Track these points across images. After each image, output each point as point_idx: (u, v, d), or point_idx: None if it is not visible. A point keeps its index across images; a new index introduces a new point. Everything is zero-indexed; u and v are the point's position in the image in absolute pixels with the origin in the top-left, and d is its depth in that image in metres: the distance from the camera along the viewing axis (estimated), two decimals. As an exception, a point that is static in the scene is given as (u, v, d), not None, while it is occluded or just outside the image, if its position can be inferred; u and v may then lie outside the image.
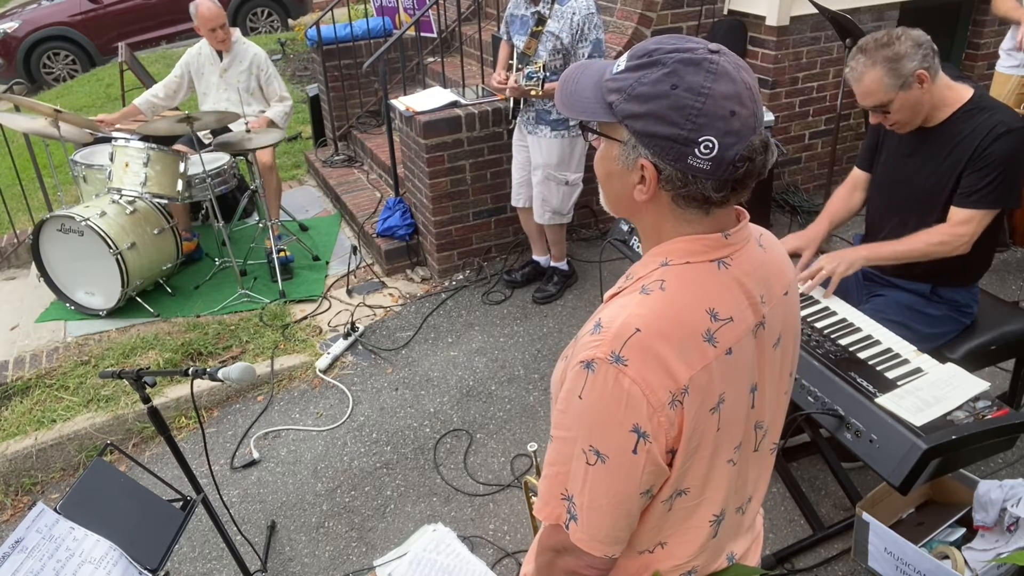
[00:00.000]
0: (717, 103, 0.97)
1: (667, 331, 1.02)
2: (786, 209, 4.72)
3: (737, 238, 1.09)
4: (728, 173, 1.00)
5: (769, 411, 1.20)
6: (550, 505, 1.09)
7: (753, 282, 1.10)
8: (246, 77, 4.62)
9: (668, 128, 0.98)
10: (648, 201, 1.06)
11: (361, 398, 3.50)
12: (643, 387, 0.99)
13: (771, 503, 2.75)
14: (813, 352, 2.16)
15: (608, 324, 1.03)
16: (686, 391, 1.01)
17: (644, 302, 1.04)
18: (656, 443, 1.01)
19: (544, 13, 3.43)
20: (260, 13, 10.44)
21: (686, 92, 0.97)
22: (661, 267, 1.07)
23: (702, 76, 0.97)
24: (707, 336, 1.03)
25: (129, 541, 1.85)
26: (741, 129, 0.98)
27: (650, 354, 1.00)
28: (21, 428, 3.28)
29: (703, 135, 0.97)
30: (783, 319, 1.17)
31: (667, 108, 0.98)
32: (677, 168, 1.00)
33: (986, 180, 2.27)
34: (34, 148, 4.75)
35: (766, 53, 4.43)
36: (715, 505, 1.14)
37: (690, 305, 1.04)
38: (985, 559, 2.23)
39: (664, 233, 1.09)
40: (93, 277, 3.97)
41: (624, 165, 1.05)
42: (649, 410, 1.00)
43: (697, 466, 1.08)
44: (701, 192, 1.02)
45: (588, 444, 1.03)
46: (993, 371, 2.88)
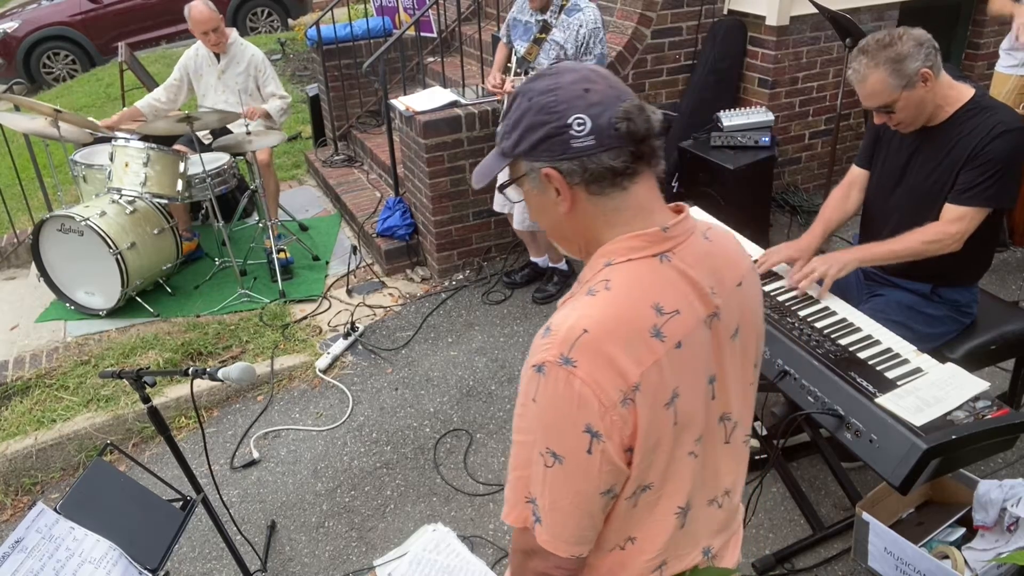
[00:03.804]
0: (569, 89, 1.06)
1: (614, 330, 1.03)
2: (786, 209, 4.72)
3: (677, 231, 1.11)
4: (612, 137, 1.05)
5: (736, 402, 1.21)
6: (516, 508, 1.11)
7: (700, 273, 1.11)
8: (244, 78, 4.61)
9: (542, 129, 1.06)
10: (572, 207, 1.09)
11: (361, 398, 3.50)
12: (593, 387, 1.01)
13: (771, 503, 2.75)
14: (813, 352, 2.16)
15: (557, 327, 1.05)
16: (637, 388, 1.03)
17: (591, 303, 1.06)
18: (610, 442, 1.03)
19: (550, 21, 3.42)
20: (260, 13, 10.44)
21: (540, 96, 1.07)
22: (605, 267, 1.09)
23: (547, 79, 1.08)
24: (654, 331, 1.05)
25: (129, 541, 1.85)
26: (603, 99, 1.05)
27: (599, 354, 1.02)
28: (21, 428, 3.28)
29: (571, 116, 1.04)
30: (740, 311, 1.18)
31: (533, 116, 1.06)
32: (569, 157, 1.05)
33: (981, 178, 2.27)
34: (34, 148, 4.75)
35: (766, 53, 4.43)
36: (679, 497, 1.15)
37: (635, 302, 1.06)
38: (985, 559, 2.23)
39: (603, 236, 1.11)
40: (93, 277, 3.97)
41: (539, 190, 1.11)
42: (601, 410, 1.01)
43: (658, 461, 1.09)
44: (602, 166, 1.06)
45: (545, 446, 1.04)
46: (993, 371, 2.88)
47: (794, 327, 2.28)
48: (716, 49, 4.49)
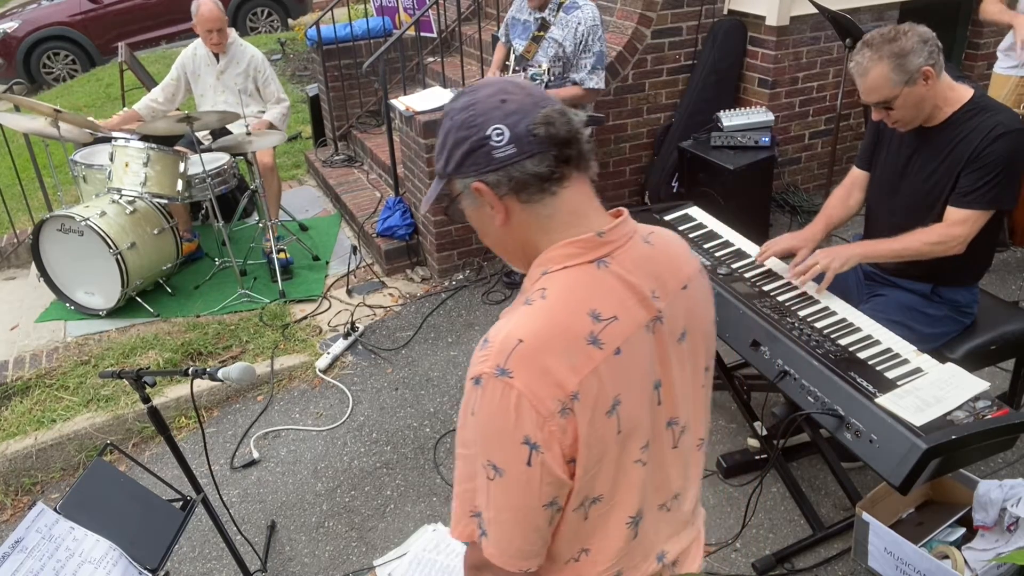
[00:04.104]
0: (485, 102, 1.07)
1: (550, 339, 1.02)
2: (786, 209, 4.73)
3: (614, 235, 1.10)
4: (533, 143, 1.05)
5: (685, 406, 1.19)
6: (462, 523, 1.09)
7: (639, 278, 1.11)
8: (243, 79, 4.61)
9: (464, 144, 1.07)
10: (507, 219, 1.10)
11: (361, 398, 3.50)
12: (530, 398, 1.00)
13: (771, 503, 2.75)
14: (813, 352, 2.16)
15: (493, 338, 1.05)
16: (575, 397, 1.01)
17: (527, 313, 1.05)
18: (550, 453, 1.01)
19: (549, 19, 3.42)
20: (260, 13, 10.43)
21: (459, 113, 1.08)
22: (542, 276, 1.09)
23: (466, 96, 1.10)
24: (591, 339, 1.04)
25: (129, 541, 1.85)
26: (520, 108, 1.06)
27: (535, 364, 1.01)
28: (21, 428, 3.28)
29: (489, 127, 1.05)
30: (686, 313, 1.17)
31: (456, 133, 1.08)
32: (493, 168, 1.06)
33: (983, 180, 2.27)
34: (34, 148, 4.75)
35: (766, 53, 4.43)
36: (629, 507, 1.13)
37: (571, 310, 1.05)
38: (985, 559, 2.23)
39: (541, 244, 1.11)
40: (93, 277, 3.97)
41: (475, 205, 1.12)
42: (539, 420, 1.00)
43: (605, 471, 1.07)
44: (527, 173, 1.06)
45: (486, 459, 1.03)
46: (993, 371, 2.89)
47: (794, 327, 2.28)
48: (716, 49, 4.49)
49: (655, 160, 4.72)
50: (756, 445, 2.90)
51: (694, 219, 2.92)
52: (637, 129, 4.66)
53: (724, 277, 2.54)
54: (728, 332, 2.42)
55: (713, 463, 2.93)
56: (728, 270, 2.59)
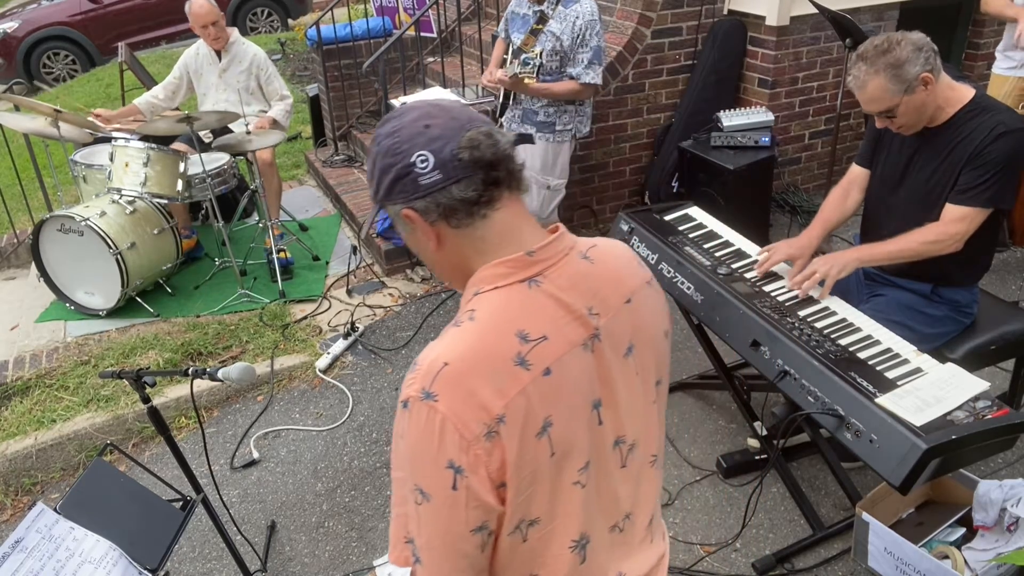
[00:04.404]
0: (410, 128, 1.06)
1: (475, 361, 1.01)
2: (786, 209, 4.73)
3: (546, 253, 1.08)
4: (458, 168, 1.04)
5: (633, 423, 1.16)
6: (397, 549, 1.06)
7: (575, 295, 1.08)
8: (245, 77, 4.61)
9: (391, 172, 1.06)
10: (439, 243, 1.09)
11: (361, 398, 3.50)
12: (454, 421, 0.98)
13: (771, 503, 2.75)
14: (813, 352, 2.16)
15: (421, 361, 1.03)
16: (501, 420, 0.99)
17: (455, 335, 1.04)
18: (475, 477, 0.99)
19: (547, 13, 3.42)
20: (260, 13, 10.43)
21: (385, 139, 1.08)
22: (474, 297, 1.08)
23: (391, 123, 1.08)
24: (518, 360, 1.02)
25: (129, 541, 1.85)
26: (444, 132, 1.05)
27: (459, 387, 0.99)
28: (21, 428, 3.28)
29: (413, 154, 1.04)
30: (632, 328, 1.14)
31: (382, 161, 1.07)
32: (421, 195, 1.05)
33: (982, 179, 2.27)
34: (34, 148, 4.75)
35: (766, 53, 4.43)
36: (571, 531, 1.10)
37: (498, 331, 1.04)
38: (985, 559, 2.23)
39: (475, 266, 1.10)
40: (93, 277, 3.97)
41: (408, 231, 1.11)
42: (463, 444, 0.98)
43: (539, 494, 1.05)
44: (455, 198, 1.05)
45: (414, 483, 1.01)
46: (993, 371, 2.89)
47: (794, 327, 2.28)
48: (716, 49, 4.49)
49: (655, 160, 4.72)
50: (756, 445, 2.90)
51: (694, 219, 2.92)
52: (637, 129, 4.66)
53: (724, 277, 2.54)
54: (728, 332, 2.42)
55: (713, 463, 2.93)
56: (728, 270, 2.59)
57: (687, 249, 2.71)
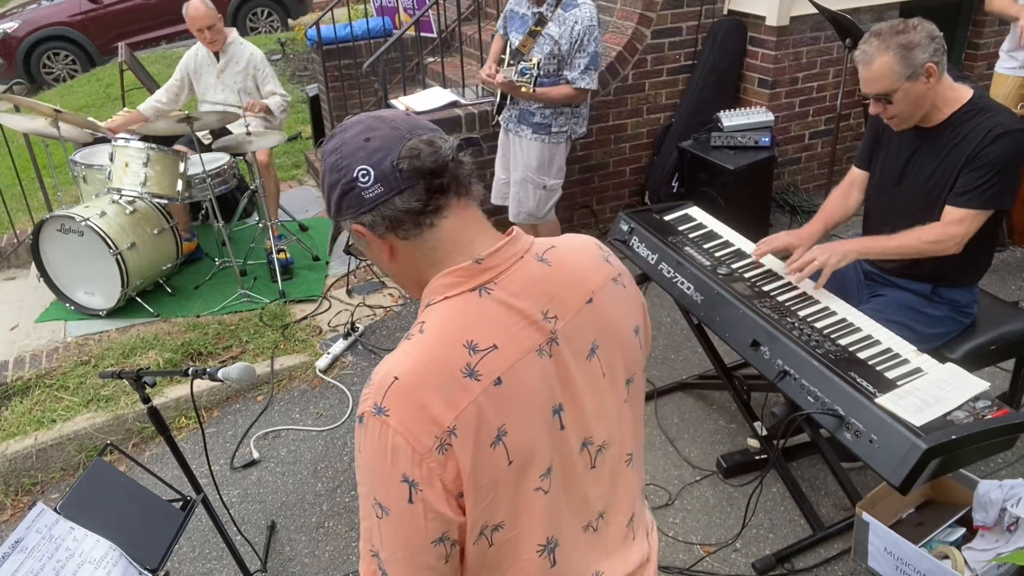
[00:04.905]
0: (350, 143, 1.06)
1: (423, 375, 1.00)
2: (786, 209, 4.73)
3: (495, 260, 1.07)
4: (399, 180, 1.03)
5: (603, 425, 1.15)
6: (365, 561, 1.07)
7: (527, 301, 1.07)
8: (243, 77, 4.61)
9: (337, 189, 1.06)
10: (392, 255, 1.09)
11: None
12: (405, 435, 0.98)
13: (771, 503, 2.75)
14: (813, 352, 2.16)
15: (375, 376, 1.03)
16: (452, 432, 0.98)
17: (405, 349, 1.04)
18: (431, 490, 0.99)
19: (546, 15, 3.42)
20: (260, 13, 10.44)
21: (329, 156, 1.08)
22: (426, 308, 1.08)
23: (335, 139, 1.09)
24: (467, 371, 1.01)
25: (129, 541, 1.85)
26: (384, 144, 1.04)
27: (409, 401, 0.99)
28: (21, 428, 3.28)
29: (354, 169, 1.04)
30: (595, 327, 1.12)
31: (329, 177, 1.07)
32: (365, 209, 1.05)
33: (981, 180, 2.27)
34: (34, 148, 4.75)
35: (766, 53, 4.43)
36: (536, 535, 1.09)
37: (446, 343, 1.03)
38: (985, 559, 2.23)
39: (429, 275, 1.09)
40: (93, 277, 3.97)
41: (363, 244, 1.11)
42: (416, 457, 0.98)
43: (501, 501, 1.04)
44: (400, 210, 1.04)
45: (373, 498, 1.02)
46: (993, 371, 2.89)
47: (794, 327, 2.28)
48: (716, 49, 4.49)
49: (655, 160, 4.72)
50: (756, 445, 2.90)
51: (694, 219, 2.92)
52: (637, 129, 4.65)
53: (724, 277, 2.54)
54: (728, 332, 2.42)
55: (713, 463, 2.93)
56: (728, 270, 2.59)
57: (687, 249, 2.71)
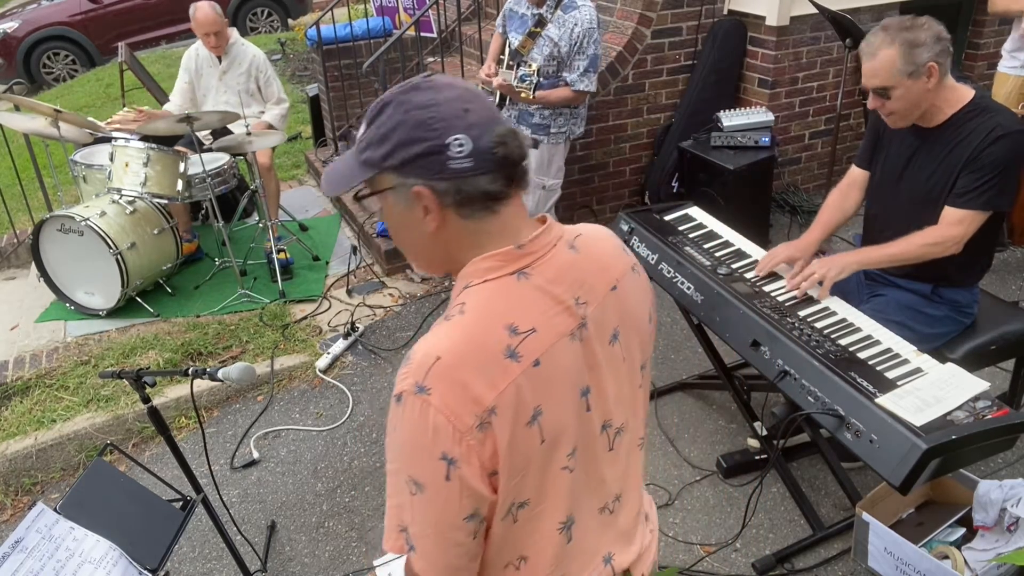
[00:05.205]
0: (449, 107, 1.03)
1: (467, 355, 1.02)
2: (786, 209, 4.73)
3: (534, 247, 1.09)
4: (489, 161, 1.03)
5: (621, 408, 1.19)
6: (391, 537, 1.08)
7: (561, 288, 1.10)
8: (245, 79, 4.62)
9: (419, 146, 1.02)
10: (440, 227, 1.07)
11: (361, 398, 3.50)
12: (447, 414, 0.99)
13: (771, 503, 2.75)
14: (813, 352, 2.16)
15: (413, 355, 1.04)
16: (493, 411, 1.01)
17: (446, 329, 1.05)
18: (468, 467, 1.01)
19: (546, 16, 3.41)
20: (260, 13, 10.44)
21: (418, 110, 1.03)
22: (464, 290, 1.08)
23: (425, 93, 1.04)
24: (509, 352, 1.03)
25: (129, 541, 1.85)
26: (480, 121, 1.03)
27: (452, 380, 1.00)
28: (21, 428, 3.28)
29: (450, 135, 1.02)
30: (618, 314, 1.16)
31: (409, 131, 1.03)
32: (445, 178, 1.03)
33: (980, 181, 2.27)
34: (34, 148, 4.75)
35: (766, 53, 4.43)
36: (559, 513, 1.13)
37: (488, 325, 1.04)
38: (985, 559, 2.23)
39: (466, 257, 1.09)
40: (93, 277, 3.97)
41: (405, 205, 1.07)
42: (456, 436, 1.00)
43: (529, 479, 1.07)
44: (478, 189, 1.04)
45: (407, 475, 1.03)
46: (993, 371, 2.89)
47: (794, 327, 2.28)
48: (716, 49, 4.49)
49: (655, 160, 4.72)
50: (756, 445, 2.90)
51: (694, 219, 2.92)
52: (637, 129, 4.66)
53: (724, 277, 2.54)
54: (728, 332, 2.42)
55: (713, 463, 2.93)
56: (728, 270, 2.59)
57: (687, 249, 2.71)
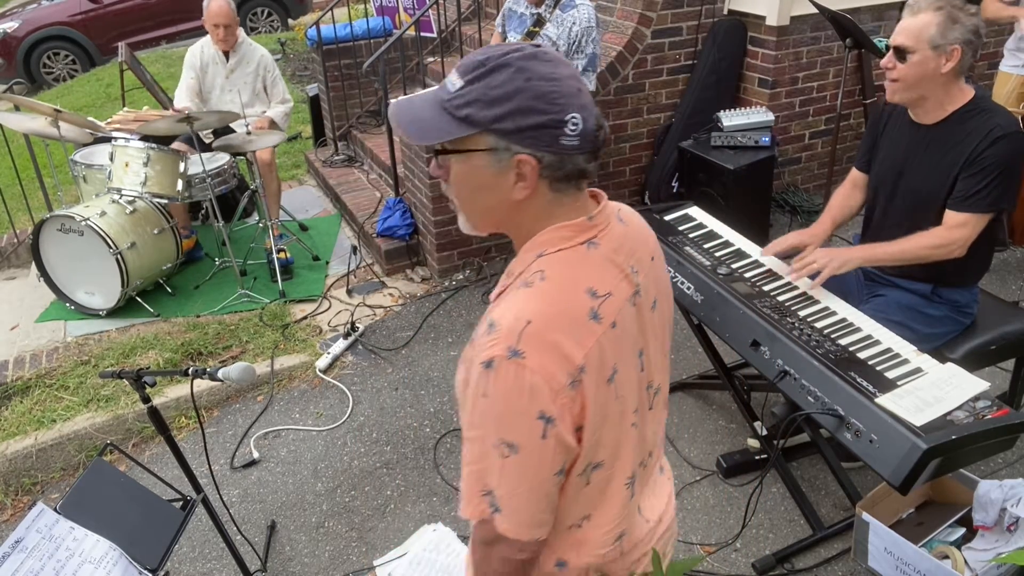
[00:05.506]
0: (567, 83, 1.06)
1: (555, 317, 1.07)
2: (786, 209, 4.73)
3: (600, 219, 1.16)
4: (592, 142, 1.09)
5: (659, 370, 1.29)
6: (472, 503, 1.13)
7: (622, 256, 1.17)
8: (253, 78, 4.63)
9: (538, 117, 1.05)
10: (528, 197, 1.11)
11: (361, 398, 3.50)
12: (543, 374, 1.04)
13: (771, 503, 2.75)
14: (813, 352, 2.16)
15: (500, 322, 1.08)
16: (583, 369, 1.07)
17: (530, 295, 1.09)
18: (562, 424, 1.07)
19: (544, 15, 3.41)
20: (260, 13, 10.43)
21: (540, 81, 1.05)
22: (537, 259, 1.13)
23: (546, 65, 1.06)
24: (592, 314, 1.10)
25: (129, 541, 1.85)
26: (588, 103, 1.08)
27: (544, 342, 1.05)
28: (21, 428, 3.28)
29: (568, 113, 1.05)
30: (655, 283, 1.25)
31: (530, 99, 1.04)
32: (553, 151, 1.07)
33: (981, 184, 2.27)
34: (34, 148, 4.75)
35: (766, 53, 4.43)
36: (627, 468, 1.22)
37: (571, 288, 1.10)
38: (985, 559, 2.23)
39: (538, 226, 1.14)
40: (93, 277, 3.97)
41: (498, 169, 1.09)
42: (551, 395, 1.05)
43: (607, 436, 1.15)
44: (576, 168, 1.09)
45: (499, 438, 1.07)
46: (993, 371, 2.89)
47: (794, 327, 2.28)
48: (716, 49, 4.49)
49: (655, 160, 4.72)
50: (756, 445, 2.90)
51: (694, 219, 2.92)
52: (637, 129, 4.66)
53: (724, 277, 2.54)
54: (728, 332, 2.42)
55: (713, 463, 2.93)
56: (728, 270, 2.59)
57: (687, 249, 2.71)
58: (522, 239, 1.17)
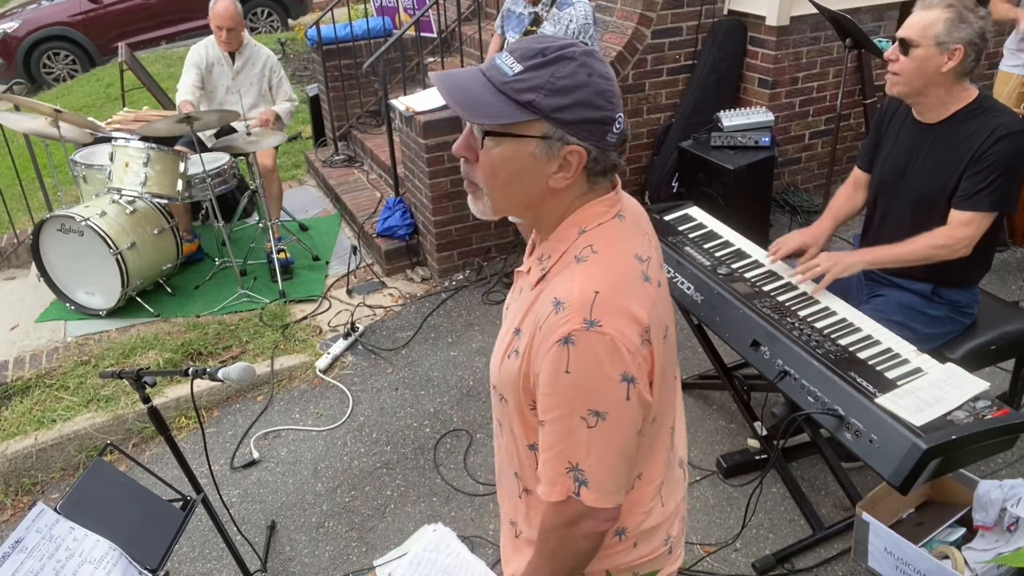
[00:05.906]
0: (616, 86, 1.14)
1: (619, 283, 1.13)
2: (786, 209, 4.72)
3: (621, 195, 1.24)
4: (623, 141, 1.17)
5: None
6: (557, 483, 1.16)
7: (643, 224, 1.28)
8: (259, 79, 4.63)
9: (596, 112, 1.10)
10: (568, 185, 1.16)
11: (361, 398, 3.50)
12: (620, 339, 1.10)
13: (771, 503, 2.75)
14: (813, 352, 2.16)
15: (567, 298, 1.11)
16: (648, 329, 1.14)
17: (587, 268, 1.14)
18: (641, 382, 1.14)
19: (541, 14, 3.42)
20: (260, 13, 10.43)
21: (600, 79, 1.11)
22: (580, 235, 1.18)
23: (601, 64, 1.13)
24: (645, 277, 1.18)
25: (129, 541, 1.85)
26: (621, 105, 1.16)
27: (615, 308, 1.11)
28: (21, 428, 3.28)
29: (617, 111, 1.13)
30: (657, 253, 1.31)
31: (591, 95, 1.10)
32: (600, 146, 1.13)
33: (986, 182, 2.27)
34: (34, 148, 4.75)
35: (766, 53, 4.43)
36: (670, 418, 1.32)
37: (623, 256, 1.17)
38: (985, 559, 2.23)
39: (571, 210, 1.19)
40: (93, 277, 3.97)
41: (545, 156, 1.12)
42: (629, 356, 1.11)
43: (664, 389, 1.24)
44: (611, 162, 1.16)
45: (586, 409, 1.11)
46: (993, 371, 2.89)
47: (794, 327, 2.28)
48: (716, 49, 4.49)
49: (655, 160, 4.72)
50: (756, 445, 2.90)
51: (694, 219, 2.92)
52: (637, 129, 4.65)
53: (724, 277, 2.54)
54: (728, 332, 2.42)
55: (713, 463, 2.93)
56: (728, 270, 2.59)
57: (687, 249, 2.71)
58: (549, 224, 1.20)
